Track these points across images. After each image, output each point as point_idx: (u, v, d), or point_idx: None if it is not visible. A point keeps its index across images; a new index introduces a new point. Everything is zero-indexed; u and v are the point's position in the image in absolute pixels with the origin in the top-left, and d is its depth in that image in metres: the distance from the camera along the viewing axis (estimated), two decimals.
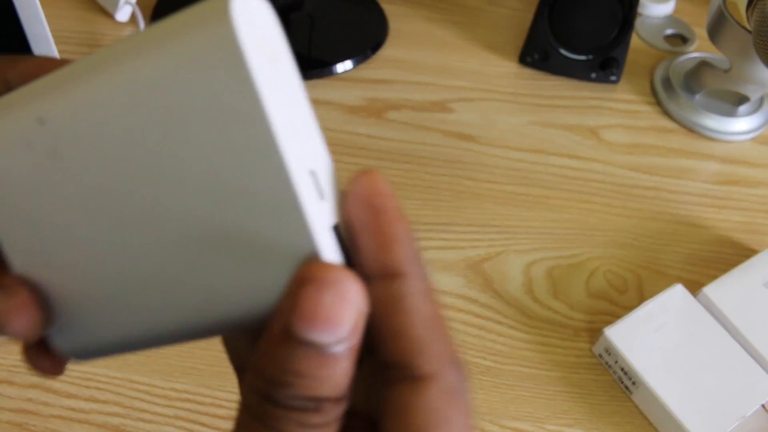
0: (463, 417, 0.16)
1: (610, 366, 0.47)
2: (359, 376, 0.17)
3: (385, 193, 0.16)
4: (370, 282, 0.16)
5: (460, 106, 0.64)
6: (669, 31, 0.73)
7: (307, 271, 0.15)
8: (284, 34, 0.17)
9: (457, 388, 0.16)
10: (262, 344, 0.16)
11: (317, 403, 0.15)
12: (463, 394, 0.16)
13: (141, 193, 0.16)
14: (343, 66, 0.66)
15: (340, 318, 0.15)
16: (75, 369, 0.45)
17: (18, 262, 0.19)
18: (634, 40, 0.72)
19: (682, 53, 0.70)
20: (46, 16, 0.56)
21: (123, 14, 0.68)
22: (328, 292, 0.15)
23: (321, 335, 0.15)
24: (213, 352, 0.46)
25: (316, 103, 0.63)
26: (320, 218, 0.16)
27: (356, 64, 0.67)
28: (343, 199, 0.17)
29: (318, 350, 0.15)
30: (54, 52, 0.58)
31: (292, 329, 0.15)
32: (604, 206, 0.57)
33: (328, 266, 0.15)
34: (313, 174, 0.16)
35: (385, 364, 0.16)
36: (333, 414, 0.15)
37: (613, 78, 0.67)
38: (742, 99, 0.63)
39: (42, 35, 0.56)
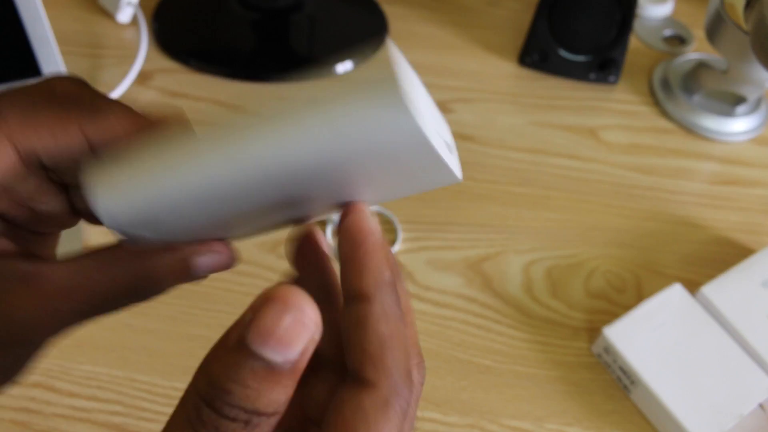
0: (391, 428, 0.17)
1: (608, 365, 0.47)
2: (318, 383, 0.19)
3: (365, 230, 0.19)
4: (347, 301, 0.19)
5: (459, 107, 0.64)
6: (667, 32, 0.74)
7: (273, 291, 0.16)
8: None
9: (393, 402, 0.17)
10: (214, 349, 0.16)
11: (249, 416, 0.16)
12: (401, 410, 0.17)
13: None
14: (344, 67, 0.66)
15: (294, 342, 0.16)
16: (76, 368, 0.45)
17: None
18: (633, 41, 0.72)
19: (681, 54, 0.70)
20: (48, 17, 0.56)
21: (124, 15, 0.68)
22: (289, 314, 0.16)
23: (272, 353, 0.15)
24: None
25: None
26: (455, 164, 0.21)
27: (356, 64, 0.67)
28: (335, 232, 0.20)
29: (266, 366, 0.16)
30: (56, 53, 0.58)
31: (246, 341, 0.15)
32: (602, 206, 0.58)
33: (295, 290, 0.16)
34: (446, 143, 0.20)
35: (344, 367, 0.18)
36: (260, 430, 0.16)
37: (611, 79, 0.67)
38: (740, 100, 0.64)
39: (44, 36, 0.57)
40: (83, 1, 0.71)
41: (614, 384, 0.47)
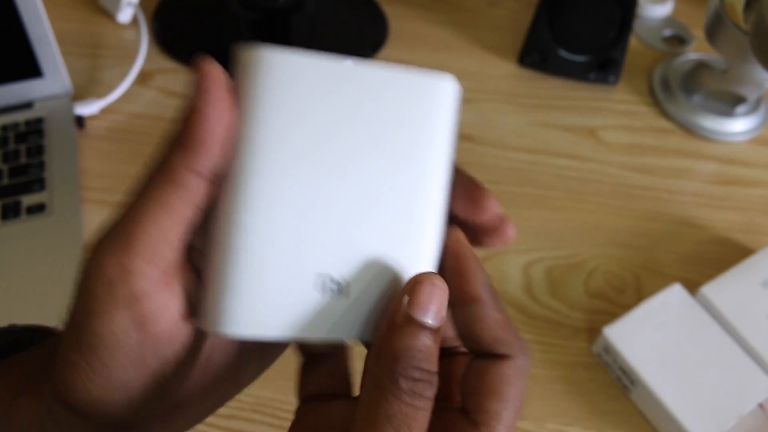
0: (522, 385, 0.23)
1: (608, 365, 0.47)
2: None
3: (467, 245, 0.24)
4: (456, 305, 0.23)
5: (459, 107, 0.64)
6: (667, 33, 0.74)
7: (417, 277, 0.22)
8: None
9: (524, 367, 0.23)
10: (387, 333, 0.21)
11: (429, 375, 0.21)
12: (527, 371, 0.23)
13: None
14: None
15: (439, 304, 0.22)
16: None
17: None
18: (633, 42, 0.72)
19: (680, 54, 0.70)
20: (48, 17, 0.56)
21: (125, 15, 0.68)
22: (432, 287, 0.22)
23: (431, 318, 0.21)
24: None
25: None
26: None
27: None
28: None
29: (428, 329, 0.21)
30: (56, 53, 0.58)
31: (413, 315, 0.21)
32: (602, 206, 0.58)
33: (432, 273, 0.22)
34: None
35: (473, 351, 0.23)
36: (433, 390, 0.21)
37: (611, 79, 0.67)
38: (740, 100, 0.64)
39: (44, 36, 0.57)
40: (83, 1, 0.71)
41: (614, 384, 0.47)
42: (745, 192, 0.60)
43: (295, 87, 0.22)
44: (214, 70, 0.21)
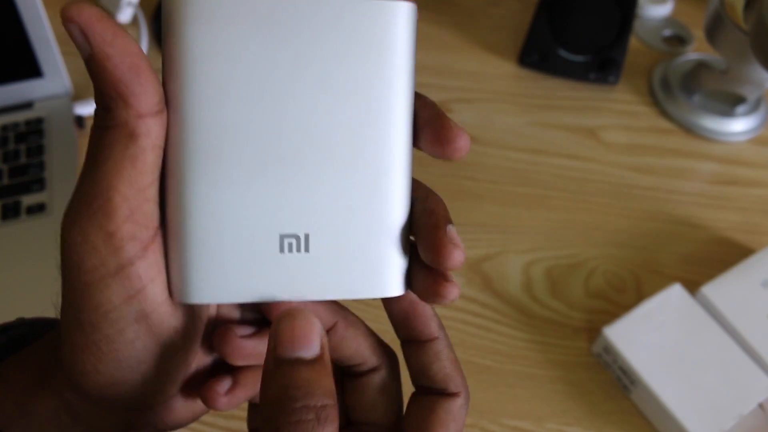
0: (464, 421, 0.24)
1: (608, 365, 0.47)
2: (381, 400, 0.25)
3: (414, 296, 0.24)
4: (416, 345, 0.24)
5: (459, 107, 0.64)
6: (667, 33, 0.74)
7: (278, 315, 0.20)
8: None
9: (467, 402, 0.24)
10: (262, 384, 0.19)
11: (317, 411, 0.18)
12: (467, 409, 0.24)
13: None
14: None
15: (310, 335, 0.19)
16: None
17: None
18: (633, 42, 0.72)
19: (680, 54, 0.70)
20: (48, 17, 0.56)
21: (125, 15, 0.68)
22: (296, 320, 0.19)
23: (302, 351, 0.19)
24: None
25: None
26: None
27: None
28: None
29: (303, 363, 0.19)
30: (56, 53, 0.58)
31: (279, 355, 0.19)
32: (602, 206, 0.58)
33: (293, 308, 0.20)
34: None
35: (425, 386, 0.24)
36: (333, 424, 0.19)
37: (611, 79, 0.67)
38: (740, 100, 0.64)
39: (44, 36, 0.57)
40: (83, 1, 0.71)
41: (614, 384, 0.47)
42: (745, 192, 0.60)
43: (233, 24, 0.19)
44: (81, 11, 0.19)
